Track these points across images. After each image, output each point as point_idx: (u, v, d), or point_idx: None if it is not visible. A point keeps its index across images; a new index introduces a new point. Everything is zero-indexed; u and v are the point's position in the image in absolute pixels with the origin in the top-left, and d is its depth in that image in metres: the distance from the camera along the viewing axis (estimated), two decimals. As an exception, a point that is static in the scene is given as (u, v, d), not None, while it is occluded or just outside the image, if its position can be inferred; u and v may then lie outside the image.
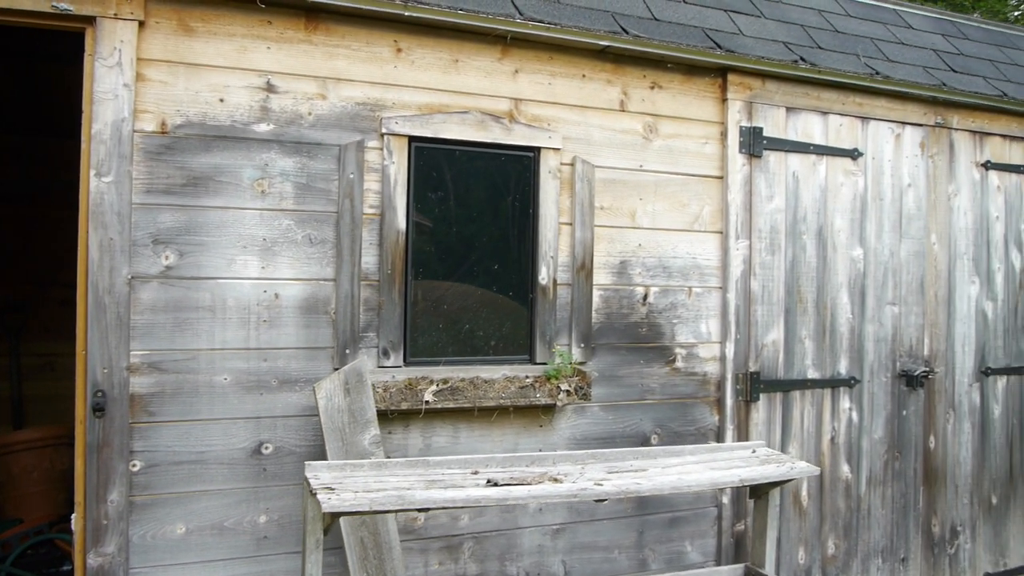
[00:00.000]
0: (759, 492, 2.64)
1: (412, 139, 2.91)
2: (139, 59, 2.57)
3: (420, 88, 2.94)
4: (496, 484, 2.16)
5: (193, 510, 2.64)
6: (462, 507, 2.74)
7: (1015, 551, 4.19)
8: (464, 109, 2.99)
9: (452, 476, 2.23)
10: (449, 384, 2.89)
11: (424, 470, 2.29)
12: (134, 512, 2.57)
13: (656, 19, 3.36)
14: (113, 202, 2.52)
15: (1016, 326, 4.20)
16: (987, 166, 4.09)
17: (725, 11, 3.65)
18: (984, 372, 4.08)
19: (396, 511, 2.25)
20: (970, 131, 4.04)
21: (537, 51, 3.12)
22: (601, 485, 2.21)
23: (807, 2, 4.07)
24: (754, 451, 2.71)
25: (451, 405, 2.86)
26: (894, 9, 4.42)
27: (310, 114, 2.79)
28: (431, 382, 2.88)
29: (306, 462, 2.28)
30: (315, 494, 1.97)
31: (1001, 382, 4.14)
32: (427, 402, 2.81)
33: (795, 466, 2.54)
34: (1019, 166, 4.19)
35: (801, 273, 3.59)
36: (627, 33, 3.17)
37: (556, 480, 2.23)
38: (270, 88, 2.74)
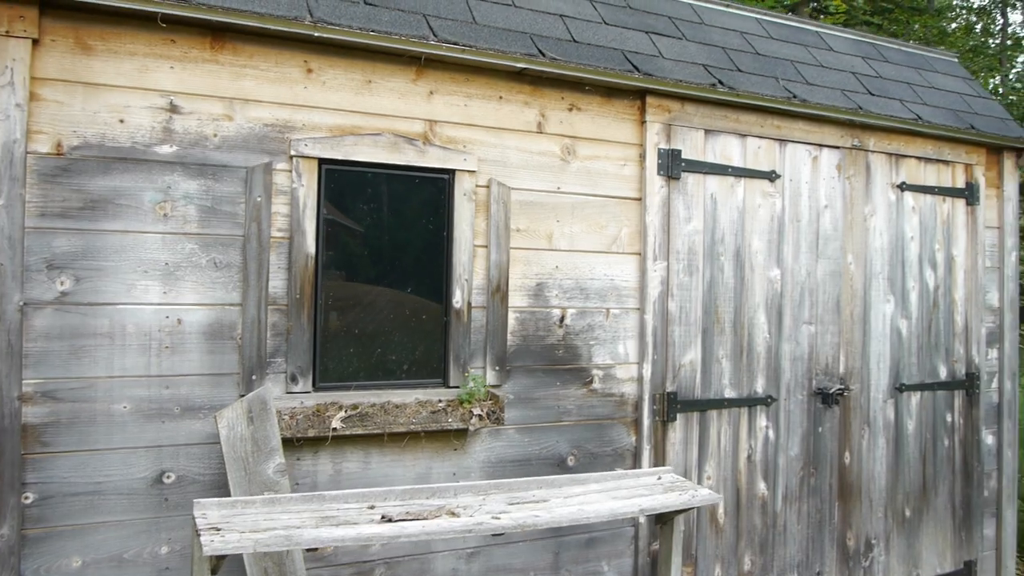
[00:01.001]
0: (664, 519, 2.66)
1: (322, 161, 2.87)
2: (33, 78, 2.49)
3: (331, 109, 2.91)
4: (391, 520, 2.14)
5: (90, 542, 2.57)
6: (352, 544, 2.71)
7: (927, 562, 4.30)
8: (377, 131, 2.96)
9: (347, 512, 2.20)
10: (359, 410, 2.86)
11: (319, 505, 2.26)
12: (26, 546, 2.49)
13: (576, 41, 3.37)
14: (4, 226, 2.44)
15: (930, 343, 4.31)
16: (903, 187, 4.18)
17: (647, 33, 3.67)
18: (899, 388, 4.18)
19: (283, 549, 2.22)
20: (886, 153, 4.13)
21: (453, 73, 3.10)
22: (499, 519, 2.20)
23: (730, 24, 4.12)
24: (660, 478, 2.74)
25: (360, 432, 2.84)
26: (816, 31, 4.49)
27: (216, 136, 2.74)
28: (340, 408, 2.85)
29: (195, 500, 2.23)
30: (199, 535, 1.93)
31: (915, 398, 4.25)
32: (335, 429, 2.78)
33: (697, 494, 2.56)
34: (933, 187, 4.30)
35: (719, 294, 3.63)
36: (544, 56, 3.17)
37: (453, 514, 2.21)
38: (173, 109, 2.68)
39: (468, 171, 3.10)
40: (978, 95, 4.78)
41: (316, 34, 2.77)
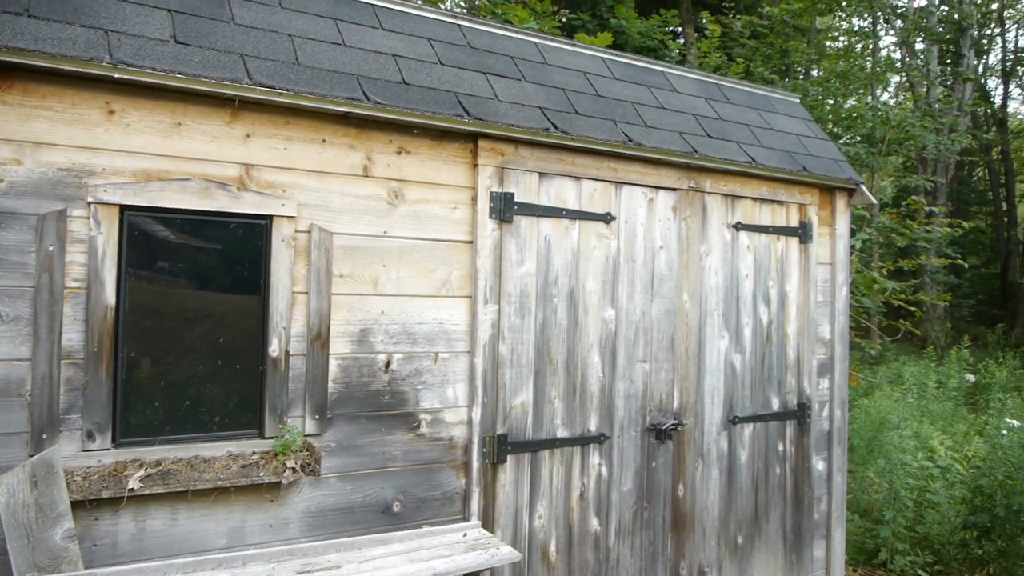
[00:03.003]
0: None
1: (125, 208, 2.75)
2: None
3: (136, 153, 2.78)
4: (162, 601, 2.06)
5: None
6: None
7: (759, 586, 4.48)
8: (186, 176, 2.85)
9: (117, 592, 2.11)
10: (161, 467, 2.75)
11: (88, 585, 2.16)
12: None
13: (406, 83, 3.33)
14: None
15: (763, 376, 4.49)
16: (738, 227, 4.34)
17: (484, 74, 3.67)
18: (732, 421, 4.33)
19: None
20: (723, 194, 4.27)
21: (272, 115, 3.02)
22: (282, 593, 2.16)
23: (574, 64, 4.16)
24: (465, 534, 2.74)
25: (161, 490, 2.73)
26: (662, 71, 4.60)
27: (2, 181, 2.58)
28: (141, 465, 2.73)
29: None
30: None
31: (748, 429, 4.42)
32: (131, 489, 2.66)
33: (497, 553, 2.58)
34: (768, 227, 4.48)
35: (552, 335, 3.67)
36: (369, 100, 3.12)
37: (234, 590, 2.15)
38: (-49, 153, 2.51)
39: (287, 216, 3.03)
40: (815, 136, 5.01)
41: (116, 75, 2.65)
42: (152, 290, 2.84)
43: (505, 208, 3.50)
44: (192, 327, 2.91)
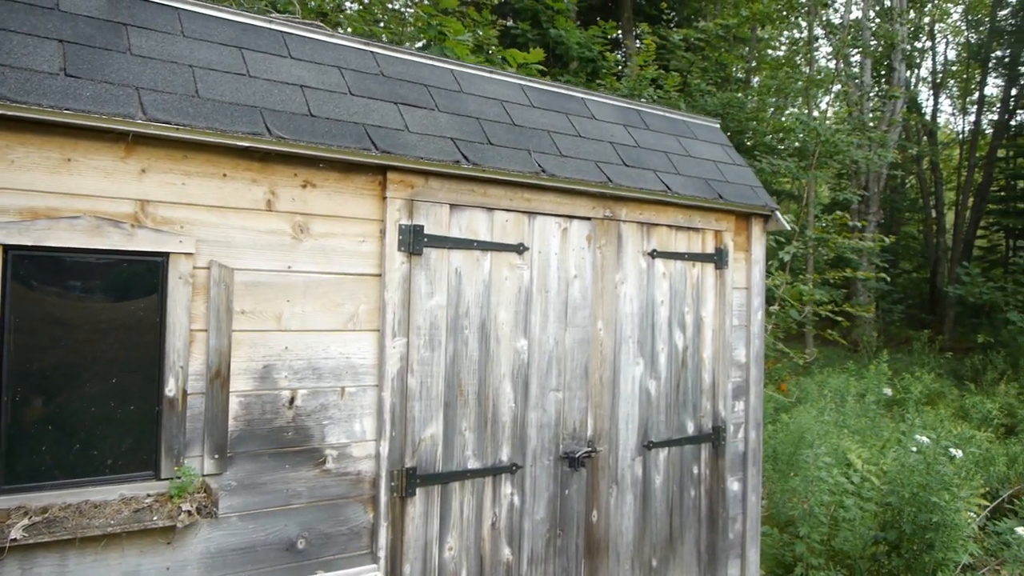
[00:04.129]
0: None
1: (9, 248, 2.66)
2: None
3: (22, 191, 2.69)
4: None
5: None
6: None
7: (673, 608, 4.55)
8: (77, 213, 2.78)
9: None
10: (48, 514, 2.67)
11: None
12: None
13: (312, 115, 3.30)
14: None
15: (678, 401, 4.56)
16: (653, 255, 4.40)
17: (397, 104, 3.65)
18: (647, 446, 4.39)
19: None
20: (638, 222, 4.32)
21: (169, 150, 2.96)
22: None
23: (491, 91, 4.17)
24: (361, 580, 2.72)
25: (47, 539, 2.65)
26: (581, 98, 4.63)
27: None
28: (26, 513, 2.65)
29: None
30: None
31: (663, 453, 4.48)
32: (14, 540, 2.58)
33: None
34: (684, 253, 4.55)
35: (463, 367, 3.67)
36: (271, 133, 3.08)
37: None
38: None
39: (185, 253, 2.97)
40: (732, 162, 5.10)
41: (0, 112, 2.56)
42: (39, 331, 2.75)
43: (414, 241, 3.49)
44: (84, 368, 2.83)
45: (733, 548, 4.92)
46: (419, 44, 9.04)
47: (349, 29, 10.92)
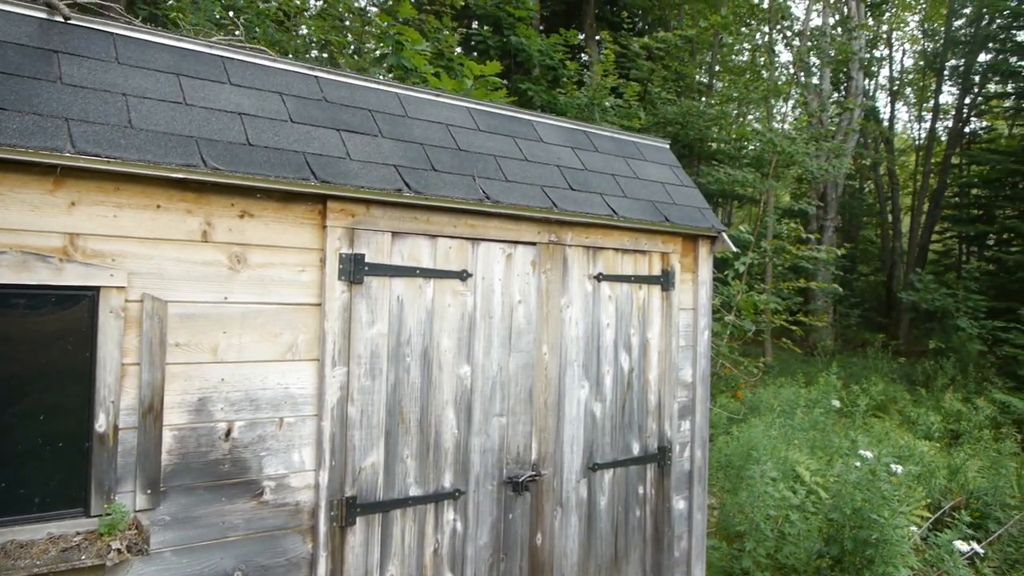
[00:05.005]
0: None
1: (-71, 284, 2.61)
2: None
3: (-56, 225, 2.64)
4: None
5: None
6: None
7: (618, 627, 4.59)
8: (2, 248, 2.72)
9: None
10: (-30, 555, 2.62)
11: None
12: None
13: (251, 144, 3.27)
14: None
15: (623, 422, 4.60)
16: (599, 278, 4.43)
17: (339, 130, 3.64)
18: (592, 468, 4.42)
19: None
20: (584, 246, 4.35)
21: (100, 181, 2.91)
22: None
23: (438, 115, 4.16)
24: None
25: (-33, 581, 2.60)
26: (530, 121, 4.65)
27: None
28: (-54, 555, 2.60)
29: None
30: None
31: (608, 475, 4.52)
32: (-67, 583, 2.53)
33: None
34: (630, 276, 4.59)
35: (404, 395, 3.67)
36: (206, 164, 3.05)
37: None
38: None
39: (116, 287, 2.93)
40: (680, 183, 5.16)
41: (-82, 146, 2.51)
42: (-38, 368, 2.70)
43: (355, 269, 3.48)
44: (11, 405, 2.77)
45: (679, 566, 4.97)
46: (377, 53, 9.00)
47: (311, 30, 10.85)
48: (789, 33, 22.06)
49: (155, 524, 3.04)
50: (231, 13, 8.80)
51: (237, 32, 5.08)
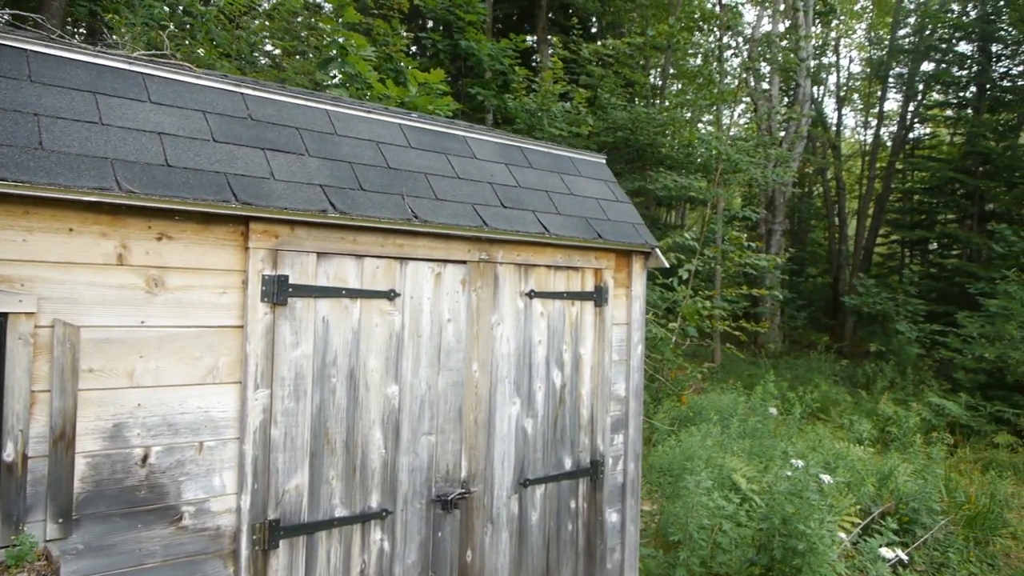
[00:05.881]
0: None
1: None
2: None
3: None
4: None
5: None
6: None
7: (549, 641, 4.63)
8: (-98, 274, 2.65)
9: None
10: None
11: None
12: None
13: (169, 165, 3.22)
14: None
15: (555, 438, 4.64)
16: (531, 295, 4.46)
17: (264, 150, 3.60)
18: (523, 484, 4.45)
19: None
20: (516, 264, 4.38)
21: (8, 205, 2.85)
22: None
23: (368, 133, 4.14)
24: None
25: None
26: (463, 137, 4.65)
27: None
28: None
29: None
30: None
31: (540, 490, 4.55)
32: None
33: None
34: (562, 292, 4.63)
35: (330, 416, 3.66)
36: (121, 188, 3.00)
37: None
38: None
39: (25, 313, 2.86)
40: (616, 199, 5.21)
41: None
42: None
43: (279, 291, 3.45)
44: (-91, 435, 2.70)
45: (611, 578, 5.03)
46: (322, 58, 8.92)
47: (254, 34, 10.71)
48: (740, 40, 22.39)
49: (67, 553, 2.99)
50: (168, 8, 8.64)
51: (166, 42, 4.98)
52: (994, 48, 23.49)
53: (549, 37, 17.91)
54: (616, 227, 4.95)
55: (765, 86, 22.34)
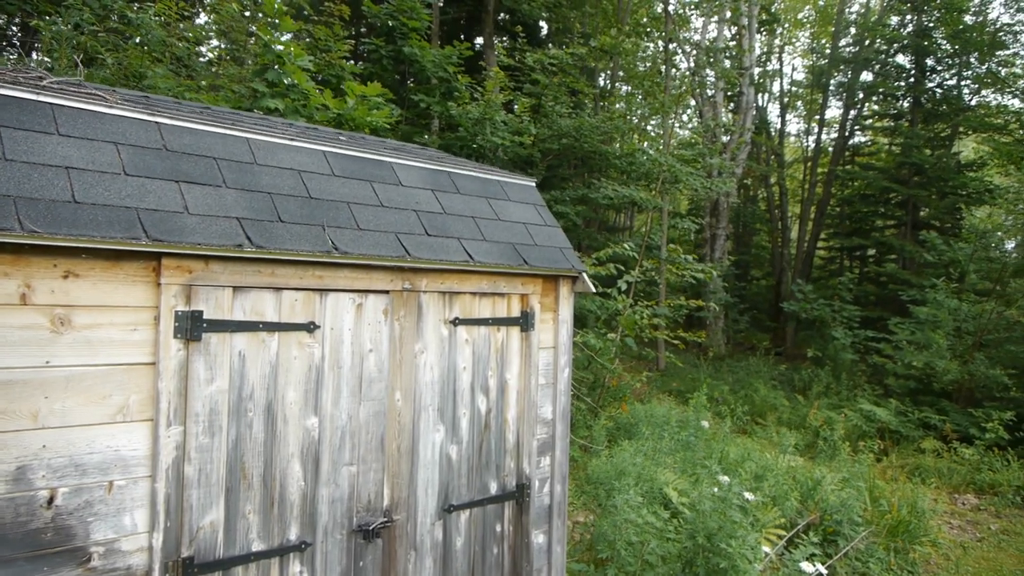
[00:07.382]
0: None
1: None
2: None
3: None
4: None
5: None
6: None
7: (474, 664, 4.66)
8: None
9: None
10: None
11: None
12: None
13: (77, 201, 3.17)
14: None
15: (481, 463, 4.67)
16: (456, 322, 4.48)
17: (178, 182, 3.56)
18: (447, 509, 4.48)
19: None
20: (440, 292, 4.40)
21: (-98, 247, 2.78)
22: None
23: (290, 162, 4.12)
24: None
25: None
26: (390, 163, 4.65)
27: None
28: None
29: None
30: None
31: (464, 515, 4.59)
32: None
33: None
34: (487, 319, 4.66)
35: (247, 450, 3.63)
36: (23, 227, 2.94)
37: None
38: None
39: (-80, 356, 2.80)
40: (544, 223, 5.26)
41: None
42: None
43: (192, 327, 3.42)
44: None
45: (538, 598, 5.09)
46: (258, 67, 8.81)
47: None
48: (688, 47, 22.71)
49: (-34, 601, 2.93)
50: (100, 13, 8.45)
51: (79, 67, 4.87)
52: (928, 61, 24.23)
53: (496, 41, 17.94)
54: (543, 252, 5.00)
55: (710, 92, 22.69)
